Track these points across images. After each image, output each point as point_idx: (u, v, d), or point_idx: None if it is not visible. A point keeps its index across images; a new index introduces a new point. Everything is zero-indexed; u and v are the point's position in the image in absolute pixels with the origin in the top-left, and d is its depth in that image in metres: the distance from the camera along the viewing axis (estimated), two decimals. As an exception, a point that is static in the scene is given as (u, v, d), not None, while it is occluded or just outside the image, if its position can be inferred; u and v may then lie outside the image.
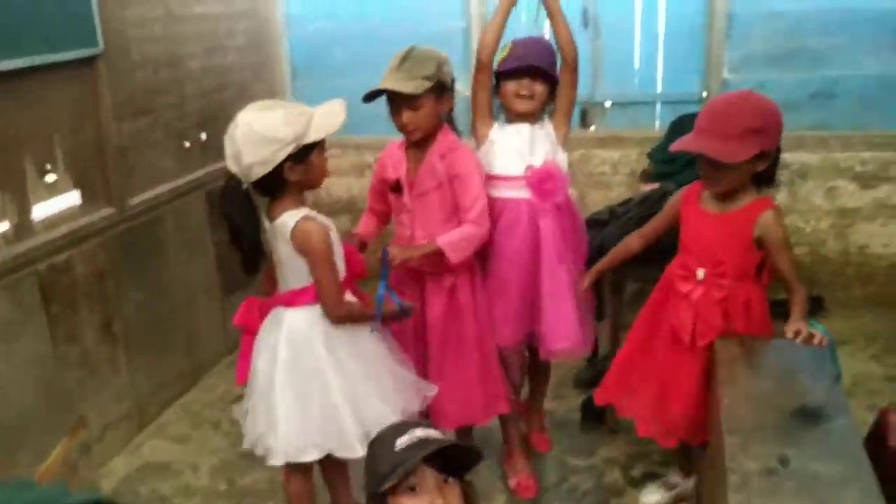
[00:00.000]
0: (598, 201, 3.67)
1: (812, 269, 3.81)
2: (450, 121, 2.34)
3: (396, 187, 2.34)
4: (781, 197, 3.68)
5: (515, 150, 2.34)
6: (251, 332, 2.12)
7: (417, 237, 2.33)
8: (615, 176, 3.87)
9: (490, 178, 2.34)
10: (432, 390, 2.23)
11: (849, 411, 1.75)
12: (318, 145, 1.96)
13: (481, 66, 2.33)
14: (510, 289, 2.39)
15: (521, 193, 2.35)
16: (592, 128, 3.76)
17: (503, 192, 2.36)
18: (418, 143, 2.29)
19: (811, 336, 1.95)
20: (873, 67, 3.60)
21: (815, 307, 3.72)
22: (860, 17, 3.56)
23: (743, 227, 2.05)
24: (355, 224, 2.59)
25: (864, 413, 2.46)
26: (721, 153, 1.95)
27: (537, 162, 2.33)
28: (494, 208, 2.34)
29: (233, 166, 1.91)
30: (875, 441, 2.13)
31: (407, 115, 2.21)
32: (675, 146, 2.09)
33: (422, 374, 2.31)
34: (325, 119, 1.96)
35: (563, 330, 2.41)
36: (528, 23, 2.63)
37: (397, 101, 2.21)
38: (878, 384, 3.12)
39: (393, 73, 2.20)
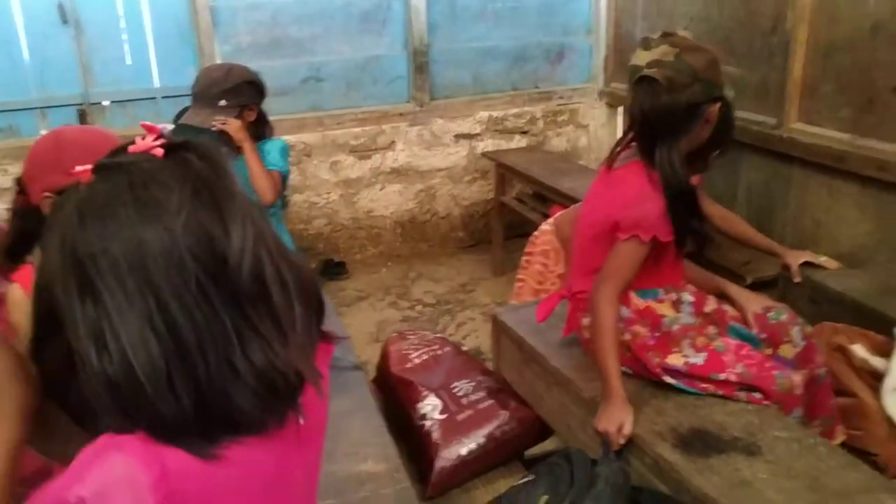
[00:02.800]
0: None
1: (331, 237, 4.20)
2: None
3: None
4: (294, 176, 3.96)
5: None
6: None
7: None
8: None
9: None
10: None
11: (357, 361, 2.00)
12: None
13: None
14: None
15: None
16: (94, 129, 3.57)
17: None
18: None
19: None
20: (348, 52, 4.05)
21: (339, 271, 4.13)
22: (330, 7, 3.95)
23: None
24: None
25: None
26: None
27: None
28: None
29: None
30: (382, 369, 2.48)
31: None
32: None
33: None
34: None
35: None
36: None
37: None
38: (397, 325, 3.59)
39: None
